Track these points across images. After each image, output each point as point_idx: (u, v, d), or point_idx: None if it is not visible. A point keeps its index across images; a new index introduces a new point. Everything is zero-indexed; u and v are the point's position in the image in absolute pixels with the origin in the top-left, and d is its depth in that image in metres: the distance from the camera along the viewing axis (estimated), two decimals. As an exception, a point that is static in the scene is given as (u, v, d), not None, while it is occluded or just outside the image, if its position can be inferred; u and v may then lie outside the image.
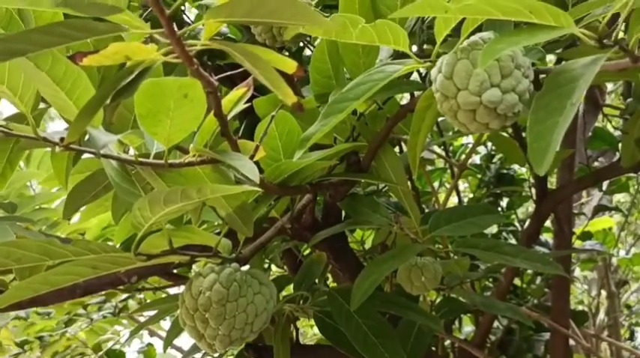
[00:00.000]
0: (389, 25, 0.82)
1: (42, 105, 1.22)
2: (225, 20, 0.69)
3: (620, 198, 3.72)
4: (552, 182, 2.65)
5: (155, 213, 0.83)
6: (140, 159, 0.88)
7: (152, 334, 3.09)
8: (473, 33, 0.84)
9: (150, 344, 2.58)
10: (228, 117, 0.88)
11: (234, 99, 0.87)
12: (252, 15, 0.66)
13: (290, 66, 0.77)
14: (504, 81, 0.79)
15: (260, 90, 1.22)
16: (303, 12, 0.65)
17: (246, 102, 1.22)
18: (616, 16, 0.74)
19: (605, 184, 2.30)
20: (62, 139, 0.79)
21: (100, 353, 2.13)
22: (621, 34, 0.77)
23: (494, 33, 0.85)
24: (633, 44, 0.71)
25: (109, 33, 0.63)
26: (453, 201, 2.31)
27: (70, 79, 0.76)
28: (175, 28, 0.68)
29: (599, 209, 2.29)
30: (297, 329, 1.44)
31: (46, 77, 0.74)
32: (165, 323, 2.92)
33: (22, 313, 2.23)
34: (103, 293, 2.20)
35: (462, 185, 2.94)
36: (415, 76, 1.50)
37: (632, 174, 2.09)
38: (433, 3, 0.73)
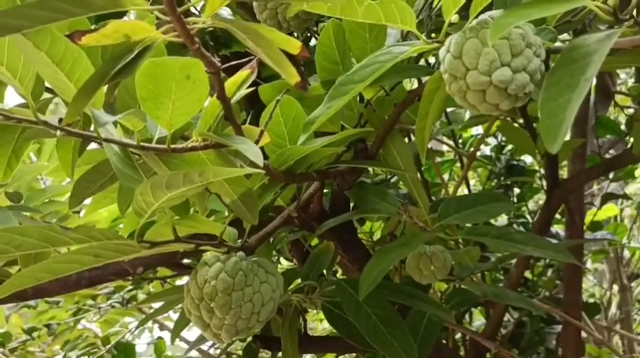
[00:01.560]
0: (396, 3, 0.80)
1: (47, 96, 1.21)
2: (227, -4, 0.67)
3: (632, 190, 3.68)
4: (563, 175, 2.62)
5: (158, 198, 0.81)
6: (142, 144, 0.86)
7: (162, 327, 3.08)
8: (483, 12, 0.82)
9: (160, 338, 2.57)
10: (232, 101, 0.86)
11: (238, 82, 0.85)
12: (254, -9, 0.64)
13: (294, 46, 0.75)
14: (515, 60, 0.77)
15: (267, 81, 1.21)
16: (307, -13, 0.63)
17: (252, 92, 1.21)
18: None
19: (612, 173, 2.28)
20: (61, 120, 0.77)
21: (109, 346, 2.13)
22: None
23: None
24: (649, 19, 0.69)
25: (107, 9, 0.61)
26: (463, 192, 2.28)
27: (70, 60, 0.74)
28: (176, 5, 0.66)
29: (608, 197, 2.26)
30: (305, 321, 1.42)
31: (45, 57, 0.72)
32: (176, 316, 2.92)
33: (31, 302, 2.23)
34: (109, 284, 2.20)
35: (472, 180, 2.91)
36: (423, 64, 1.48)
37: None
38: (441, -21, 0.71)
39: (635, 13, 0.72)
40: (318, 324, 3.33)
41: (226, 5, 1.29)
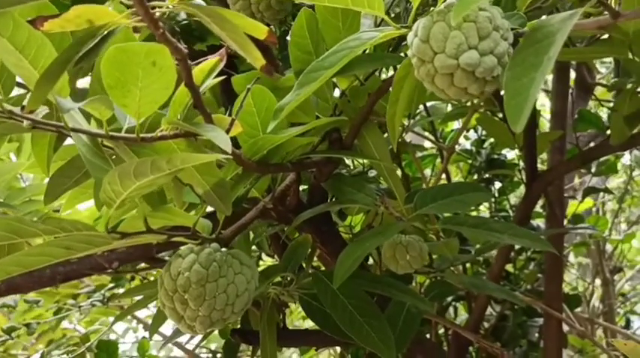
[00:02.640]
0: (363, -13, 0.80)
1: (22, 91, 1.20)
2: (191, -20, 0.67)
3: (613, 184, 3.71)
4: (544, 168, 2.64)
5: (126, 187, 0.81)
6: (111, 134, 0.85)
7: (147, 328, 3.06)
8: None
9: (144, 338, 2.56)
10: (202, 89, 0.86)
11: (206, 70, 0.84)
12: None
13: (261, 31, 0.75)
14: (482, 43, 0.77)
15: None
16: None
17: (229, 86, 1.20)
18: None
19: (594, 167, 2.29)
20: (23, 108, 0.76)
21: (88, 344, 2.11)
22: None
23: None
24: (613, -2, 0.69)
25: (65, -10, 0.60)
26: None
27: (34, 46, 0.73)
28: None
29: (589, 191, 2.27)
30: (284, 314, 1.42)
31: (8, 44, 0.71)
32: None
33: (10, 302, 2.21)
34: (90, 283, 2.18)
35: (456, 175, 2.92)
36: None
37: (621, 153, 2.07)
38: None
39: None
40: (302, 323, 3.32)
41: (199, -4, 1.28)
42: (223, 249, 1.01)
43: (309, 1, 0.83)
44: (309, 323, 3.30)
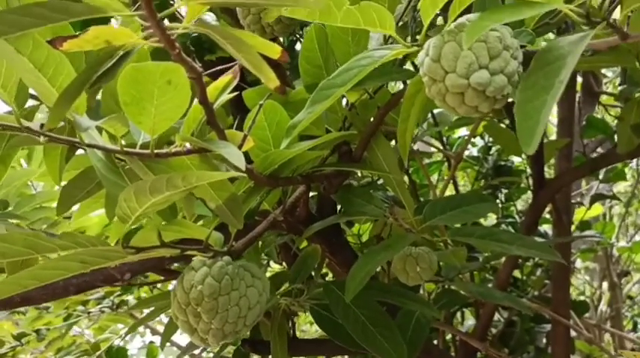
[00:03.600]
0: (374, 7, 0.81)
1: (33, 102, 1.21)
2: (207, 2, 0.68)
3: (620, 188, 3.71)
4: (551, 174, 2.64)
5: (142, 204, 0.82)
6: (126, 149, 0.87)
7: (154, 332, 3.08)
8: (461, 15, 0.83)
9: (151, 342, 2.58)
10: (215, 106, 0.87)
11: (220, 87, 0.86)
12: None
13: (274, 50, 0.76)
14: (493, 62, 0.78)
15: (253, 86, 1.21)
16: (285, -7, 0.64)
17: (239, 96, 1.21)
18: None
19: (602, 173, 2.30)
20: (42, 126, 0.78)
21: (99, 353, 2.12)
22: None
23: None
24: (622, 20, 0.70)
25: (86, 15, 0.62)
26: (451, 193, 2.29)
27: (52, 65, 0.75)
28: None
29: (597, 198, 2.28)
30: (294, 324, 1.43)
31: (28, 62, 0.73)
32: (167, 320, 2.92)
33: (21, 309, 2.23)
34: (100, 289, 2.19)
35: (462, 181, 2.93)
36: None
37: (629, 162, 2.08)
38: (417, -18, 0.72)
39: (607, 15, 0.73)
40: (310, 327, 3.33)
41: (210, 10, 1.30)
42: (235, 262, 1.02)
43: (320, 20, 0.85)
44: (316, 327, 3.32)
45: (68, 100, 0.70)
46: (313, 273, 1.47)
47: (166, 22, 0.72)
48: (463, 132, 2.49)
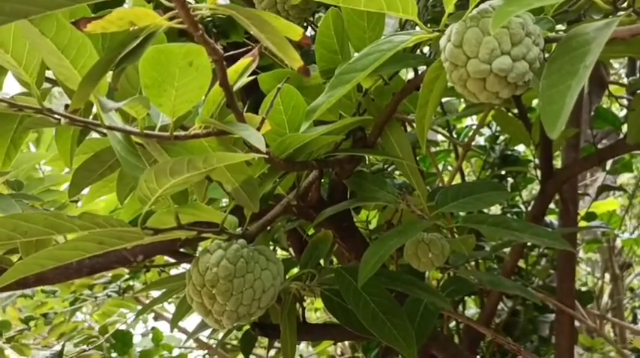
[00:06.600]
0: (397, -8, 0.81)
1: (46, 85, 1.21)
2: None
3: (624, 179, 3.71)
4: (557, 165, 2.65)
5: (161, 185, 0.82)
6: (146, 132, 0.87)
7: (157, 317, 3.09)
8: (482, 1, 0.83)
9: (154, 328, 2.59)
10: (234, 89, 0.87)
11: (240, 70, 0.86)
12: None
13: (296, 32, 0.76)
14: (515, 48, 0.78)
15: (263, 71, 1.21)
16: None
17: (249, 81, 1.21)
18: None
19: (608, 164, 2.30)
20: (67, 107, 0.78)
21: (107, 335, 2.14)
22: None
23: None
24: (646, 7, 0.70)
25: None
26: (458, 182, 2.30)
27: (75, 47, 0.75)
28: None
29: (603, 189, 2.28)
30: (303, 308, 1.44)
31: (51, 44, 0.73)
32: (171, 307, 2.94)
33: (28, 291, 2.24)
34: (106, 273, 2.20)
35: (466, 169, 2.93)
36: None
37: (636, 152, 2.08)
38: (442, -32, 0.72)
39: (633, 2, 0.73)
40: (312, 314, 3.34)
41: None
42: (250, 245, 1.03)
43: (343, 4, 0.85)
44: (318, 314, 3.33)
45: (93, 81, 0.70)
46: (322, 259, 1.48)
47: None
48: (470, 120, 2.49)
